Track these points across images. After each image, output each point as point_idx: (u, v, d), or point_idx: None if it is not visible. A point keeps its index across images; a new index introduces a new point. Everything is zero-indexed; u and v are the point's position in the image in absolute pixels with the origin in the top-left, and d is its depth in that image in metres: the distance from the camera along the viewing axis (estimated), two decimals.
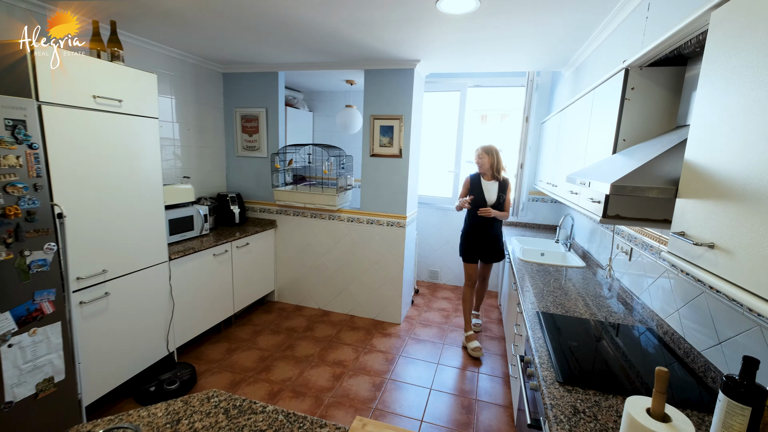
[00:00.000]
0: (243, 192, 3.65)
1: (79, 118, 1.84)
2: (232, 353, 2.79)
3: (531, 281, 2.15)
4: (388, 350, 2.88)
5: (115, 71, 2.00)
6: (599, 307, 1.81)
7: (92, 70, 1.89)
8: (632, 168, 1.05)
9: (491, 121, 7.24)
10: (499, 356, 2.83)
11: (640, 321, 1.67)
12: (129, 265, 2.18)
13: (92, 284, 1.98)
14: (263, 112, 3.43)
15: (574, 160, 2.12)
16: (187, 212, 2.84)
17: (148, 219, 2.28)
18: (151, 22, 2.33)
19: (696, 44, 1.16)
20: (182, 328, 2.63)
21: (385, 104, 3.06)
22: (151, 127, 2.25)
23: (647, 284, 1.72)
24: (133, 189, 2.16)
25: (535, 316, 1.68)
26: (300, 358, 2.73)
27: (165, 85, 2.96)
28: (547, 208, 3.83)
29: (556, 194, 2.56)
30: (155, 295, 2.38)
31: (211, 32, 2.46)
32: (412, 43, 2.47)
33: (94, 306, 2.00)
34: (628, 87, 1.43)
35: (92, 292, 1.98)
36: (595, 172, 1.32)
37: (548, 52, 2.57)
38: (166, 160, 3.03)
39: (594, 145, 1.77)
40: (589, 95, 1.92)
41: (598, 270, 2.36)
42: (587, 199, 1.73)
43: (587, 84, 2.47)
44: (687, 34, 1.05)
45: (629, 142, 1.45)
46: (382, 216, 3.22)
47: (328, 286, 3.52)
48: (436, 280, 4.37)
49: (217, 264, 2.92)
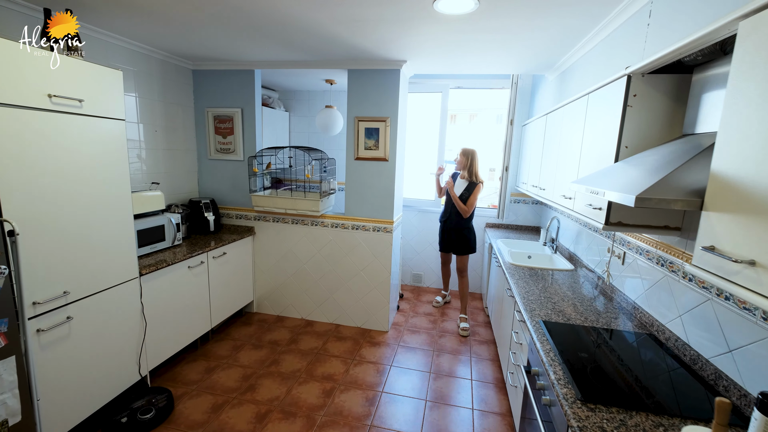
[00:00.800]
0: (217, 197, 3.43)
1: (32, 121, 1.61)
2: (212, 372, 2.60)
3: (526, 287, 2.13)
4: (378, 360, 2.79)
5: (74, 67, 1.78)
6: (597, 313, 1.81)
7: (46, 65, 1.66)
8: (653, 179, 1.02)
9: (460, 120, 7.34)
10: (490, 361, 2.82)
11: (639, 326, 1.68)
12: (94, 285, 1.96)
13: (51, 309, 1.75)
14: (238, 112, 3.24)
15: (566, 164, 2.12)
16: (157, 221, 2.62)
17: (115, 232, 2.06)
18: (111, 12, 2.10)
19: (703, 53, 1.16)
20: (156, 349, 2.42)
21: (371, 106, 2.96)
22: (117, 130, 2.03)
23: (643, 288, 1.73)
24: (97, 199, 1.94)
25: (539, 325, 1.65)
26: (286, 374, 2.59)
27: (128, 82, 2.71)
28: (528, 209, 3.88)
29: (543, 197, 2.57)
30: (125, 315, 2.16)
31: (181, 25, 2.26)
32: (401, 44, 2.39)
33: (54, 333, 1.77)
34: (630, 93, 1.42)
35: (52, 317, 1.75)
36: (604, 181, 1.30)
37: (536, 56, 2.58)
38: (132, 162, 2.78)
39: (590, 151, 1.77)
40: (582, 100, 1.92)
41: (587, 273, 2.39)
42: (585, 205, 1.72)
43: (574, 88, 2.49)
44: (704, 42, 1.04)
45: (632, 149, 1.45)
46: (369, 221, 3.13)
47: (311, 294, 3.38)
48: (419, 284, 4.33)
49: (193, 277, 2.71)
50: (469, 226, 3.37)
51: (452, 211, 3.34)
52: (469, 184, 3.28)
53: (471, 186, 3.28)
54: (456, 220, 3.33)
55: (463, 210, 3.25)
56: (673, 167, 1.02)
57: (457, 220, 3.33)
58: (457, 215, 3.31)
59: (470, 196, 3.24)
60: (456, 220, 3.33)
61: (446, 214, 3.42)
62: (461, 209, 3.25)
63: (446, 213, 3.42)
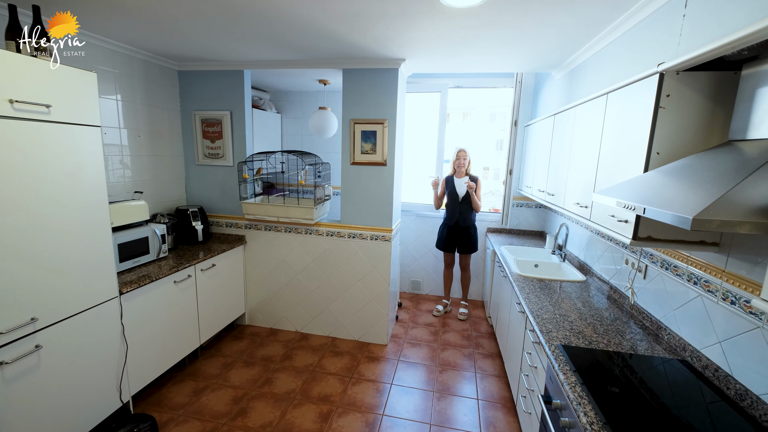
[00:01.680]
0: (206, 205, 3.24)
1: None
2: (200, 394, 2.42)
3: (538, 302, 1.98)
4: (378, 378, 2.63)
5: (41, 69, 1.59)
6: (620, 334, 1.66)
7: (7, 67, 1.47)
8: (709, 196, 0.87)
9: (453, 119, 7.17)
10: (496, 377, 2.66)
11: (669, 350, 1.53)
12: (67, 308, 1.78)
13: (17, 338, 1.57)
14: (227, 115, 3.05)
15: (580, 170, 1.97)
16: (140, 233, 2.43)
17: (90, 249, 1.87)
18: (86, 9, 1.92)
19: (750, 48, 1.01)
20: (139, 372, 2.23)
21: (367, 107, 2.79)
22: (91, 138, 1.84)
23: (671, 308, 1.58)
24: (70, 214, 1.75)
25: (559, 351, 1.49)
26: (280, 396, 2.42)
27: (109, 84, 2.52)
28: (532, 213, 3.73)
29: (553, 204, 2.42)
30: (103, 338, 1.98)
31: (161, 22, 2.08)
32: (401, 41, 2.22)
33: (20, 365, 1.58)
34: (663, 93, 1.27)
35: (17, 347, 1.57)
36: (638, 193, 1.15)
37: (545, 53, 2.42)
38: (113, 170, 2.59)
39: (611, 157, 1.62)
40: (599, 100, 1.76)
41: (600, 284, 2.24)
42: (607, 216, 1.57)
43: (587, 87, 2.34)
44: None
45: (665, 156, 1.29)
46: (366, 229, 2.96)
47: (306, 306, 3.21)
48: (418, 291, 4.17)
49: (180, 292, 2.53)
50: (475, 224, 3.49)
51: (461, 211, 3.38)
52: (470, 177, 3.43)
53: (472, 178, 3.43)
54: (466, 220, 3.40)
55: (479, 206, 3.38)
56: (733, 181, 0.87)
57: (469, 219, 3.40)
58: (468, 215, 3.39)
59: (477, 190, 3.39)
60: (466, 220, 3.40)
61: (453, 217, 3.43)
62: (478, 207, 3.37)
63: (453, 217, 3.43)
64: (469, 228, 3.42)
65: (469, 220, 3.40)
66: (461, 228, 3.41)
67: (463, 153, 3.39)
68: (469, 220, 3.40)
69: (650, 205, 1.00)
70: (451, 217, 3.43)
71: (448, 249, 3.53)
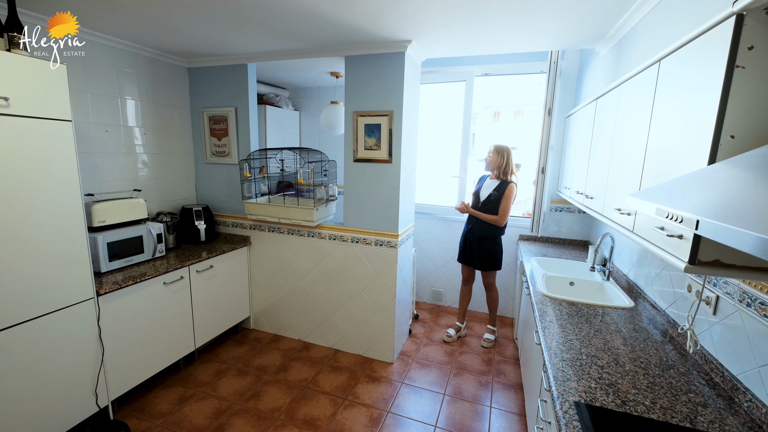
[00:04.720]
0: (214, 204, 3.14)
1: None
2: (185, 403, 2.27)
3: (562, 334, 1.54)
4: (374, 403, 2.31)
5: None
6: (674, 392, 1.20)
7: None
8: None
9: (504, 118, 6.49)
10: (515, 415, 2.22)
11: (750, 424, 1.05)
12: (31, 309, 1.69)
13: None
14: (232, 111, 2.91)
15: (622, 165, 1.51)
16: (133, 232, 2.35)
17: (60, 248, 1.78)
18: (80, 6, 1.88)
19: None
20: (121, 375, 2.13)
21: (370, 98, 2.48)
22: (60, 132, 1.74)
23: (756, 363, 1.10)
24: (35, 211, 1.66)
25: (571, 412, 1.08)
26: (264, 414, 2.19)
27: (112, 82, 2.49)
28: (575, 219, 3.19)
29: (591, 209, 1.94)
30: (76, 340, 1.89)
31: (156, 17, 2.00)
32: (398, 16, 1.89)
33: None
34: (741, 45, 0.83)
35: None
36: (692, 195, 0.73)
37: (581, 19, 1.94)
38: (115, 168, 2.56)
39: (661, 146, 1.17)
40: (648, 72, 1.31)
41: (653, 312, 1.73)
42: (653, 228, 1.12)
43: (637, 62, 1.84)
44: None
45: (742, 141, 0.85)
46: (369, 233, 2.65)
47: (309, 313, 2.97)
48: (439, 302, 3.78)
49: (170, 294, 2.41)
50: (495, 236, 2.87)
51: (476, 217, 2.87)
52: (500, 184, 2.79)
53: (502, 186, 2.77)
54: (481, 230, 2.86)
55: (495, 220, 2.77)
56: None
57: (484, 229, 2.85)
58: (483, 224, 2.85)
59: (502, 200, 2.75)
60: (481, 230, 2.86)
61: (469, 223, 2.97)
62: (492, 221, 2.78)
63: (469, 222, 2.98)
64: (484, 239, 2.85)
65: (485, 231, 2.83)
66: (476, 238, 2.88)
67: (494, 150, 2.84)
68: (485, 231, 2.83)
69: (711, 216, 0.59)
70: (468, 221, 2.97)
71: (464, 261, 3.02)
